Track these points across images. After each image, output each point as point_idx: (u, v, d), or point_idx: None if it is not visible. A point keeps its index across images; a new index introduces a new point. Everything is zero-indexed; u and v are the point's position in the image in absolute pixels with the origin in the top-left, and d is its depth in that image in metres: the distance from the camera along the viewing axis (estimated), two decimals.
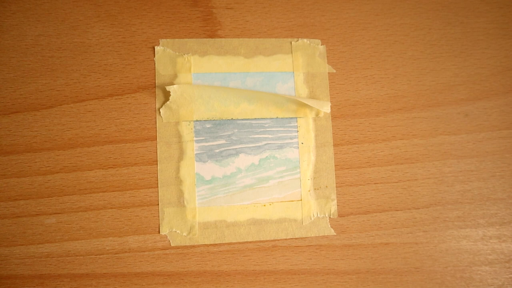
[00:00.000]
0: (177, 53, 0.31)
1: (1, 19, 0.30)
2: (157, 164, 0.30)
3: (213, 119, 0.31)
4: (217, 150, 0.31)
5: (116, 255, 0.29)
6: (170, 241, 0.30)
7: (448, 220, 0.32)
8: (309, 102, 0.31)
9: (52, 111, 0.30)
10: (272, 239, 0.31)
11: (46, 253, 0.29)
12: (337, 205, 0.31)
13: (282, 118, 0.31)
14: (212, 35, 0.32)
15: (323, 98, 0.32)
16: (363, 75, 0.33)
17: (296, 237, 0.31)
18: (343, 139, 0.32)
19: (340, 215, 0.31)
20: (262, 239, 0.30)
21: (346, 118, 0.32)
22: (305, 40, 0.32)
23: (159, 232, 0.30)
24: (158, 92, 0.31)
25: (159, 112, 0.31)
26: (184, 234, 0.30)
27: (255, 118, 0.31)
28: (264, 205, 0.31)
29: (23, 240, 0.29)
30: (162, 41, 0.31)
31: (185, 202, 0.30)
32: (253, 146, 0.31)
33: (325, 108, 0.31)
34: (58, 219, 0.29)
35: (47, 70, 0.30)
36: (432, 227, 0.32)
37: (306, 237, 0.31)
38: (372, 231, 0.31)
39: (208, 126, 0.31)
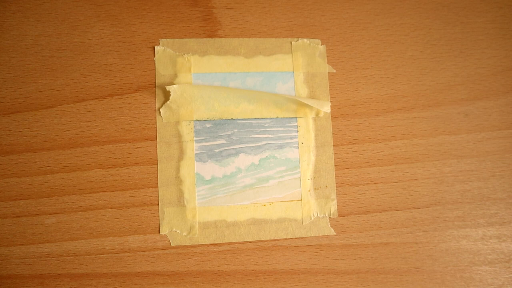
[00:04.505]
0: (177, 53, 0.31)
1: (1, 19, 0.30)
2: (157, 164, 0.30)
3: (213, 119, 0.31)
4: (217, 150, 0.31)
5: (116, 255, 0.29)
6: (170, 241, 0.30)
7: (448, 220, 0.32)
8: (309, 102, 0.31)
9: (52, 111, 0.30)
10: (272, 239, 0.31)
11: (46, 253, 0.29)
12: (337, 205, 0.31)
13: (282, 118, 0.31)
14: (212, 35, 0.32)
15: (323, 98, 0.32)
16: (363, 75, 0.33)
17: (296, 237, 0.31)
18: (343, 139, 0.32)
19: (340, 215, 0.31)
20: (262, 239, 0.30)
21: (346, 118, 0.32)
22: (305, 40, 0.32)
23: (159, 232, 0.30)
24: (158, 92, 0.31)
25: (159, 112, 0.31)
26: (184, 234, 0.30)
27: (255, 118, 0.31)
28: (264, 205, 0.31)
29: (23, 240, 0.29)
30: (162, 41, 0.31)
31: (185, 202, 0.30)
32: (253, 146, 0.31)
33: (325, 108, 0.31)
34: (58, 219, 0.29)
35: (47, 70, 0.30)
36: (432, 227, 0.32)
37: (306, 237, 0.31)
38: (372, 231, 0.31)
39: (208, 126, 0.31)
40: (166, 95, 0.30)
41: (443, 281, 0.31)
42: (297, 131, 0.31)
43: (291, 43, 0.32)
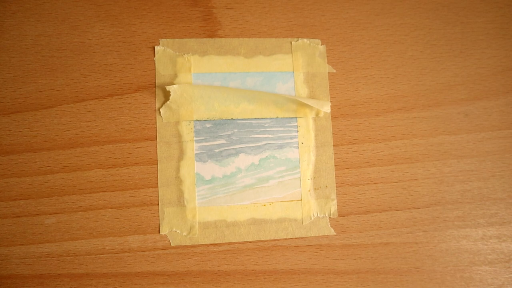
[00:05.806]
0: (177, 53, 0.31)
1: (1, 19, 0.30)
2: (157, 164, 0.30)
3: (213, 119, 0.31)
4: (217, 150, 0.31)
5: (116, 255, 0.29)
6: (170, 241, 0.30)
7: (448, 220, 0.32)
8: (309, 102, 0.31)
9: (52, 111, 0.30)
10: (272, 239, 0.31)
11: (46, 253, 0.29)
12: (337, 205, 0.31)
13: (282, 118, 0.31)
14: (212, 35, 0.32)
15: (323, 98, 0.32)
16: (363, 75, 0.33)
17: (296, 237, 0.31)
18: (343, 139, 0.32)
19: (340, 215, 0.31)
20: (262, 239, 0.30)
21: (346, 118, 0.32)
22: (305, 40, 0.32)
23: (159, 232, 0.30)
24: (158, 92, 0.31)
25: (159, 112, 0.31)
26: (184, 234, 0.30)
27: (255, 118, 0.31)
28: (264, 205, 0.31)
29: (23, 240, 0.29)
30: (162, 41, 0.31)
31: (185, 202, 0.30)
32: (253, 146, 0.31)
33: (325, 108, 0.31)
34: (58, 219, 0.29)
35: (47, 70, 0.30)
36: (432, 227, 0.32)
37: (306, 237, 0.31)
38: (372, 231, 0.31)
39: (208, 126, 0.31)
40: (166, 95, 0.30)
41: (443, 281, 0.31)
42: (297, 131, 0.32)
43: (291, 43, 0.32)
